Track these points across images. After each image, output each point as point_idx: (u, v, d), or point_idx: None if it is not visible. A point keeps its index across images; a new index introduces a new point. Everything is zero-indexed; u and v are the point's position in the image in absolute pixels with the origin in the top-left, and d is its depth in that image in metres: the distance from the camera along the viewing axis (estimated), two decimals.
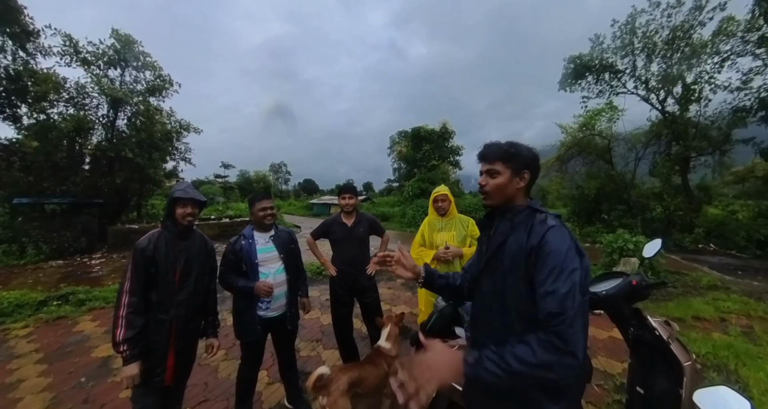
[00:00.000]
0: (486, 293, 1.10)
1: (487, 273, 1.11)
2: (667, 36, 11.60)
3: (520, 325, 0.97)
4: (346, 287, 2.58)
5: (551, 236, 0.93)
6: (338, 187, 2.62)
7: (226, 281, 1.99)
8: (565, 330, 0.83)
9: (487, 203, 1.13)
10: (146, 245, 1.60)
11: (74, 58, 10.28)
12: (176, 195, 1.65)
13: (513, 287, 0.99)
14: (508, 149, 1.06)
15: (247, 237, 2.04)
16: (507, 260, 1.01)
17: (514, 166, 1.05)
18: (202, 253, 1.81)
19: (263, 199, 2.07)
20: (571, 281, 0.87)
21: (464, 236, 2.64)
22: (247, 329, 1.99)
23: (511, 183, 1.06)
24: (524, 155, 1.06)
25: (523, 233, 1.00)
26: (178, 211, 1.66)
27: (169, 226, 1.68)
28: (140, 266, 1.56)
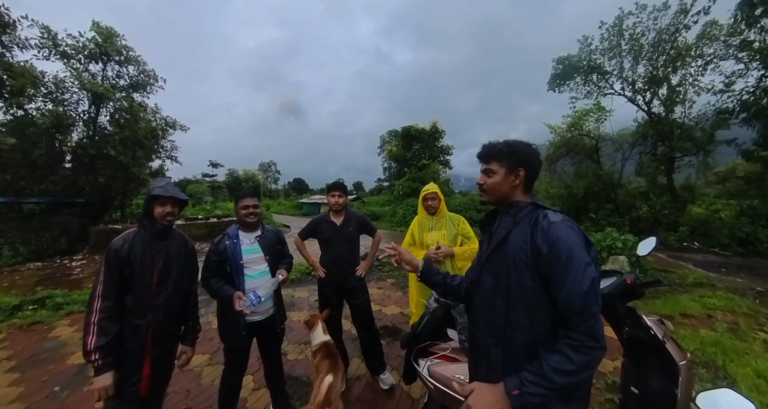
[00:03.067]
0: (488, 289, 1.09)
1: (488, 269, 1.10)
2: (654, 38, 11.85)
3: (526, 319, 0.97)
4: (335, 288, 2.49)
5: (560, 232, 0.93)
6: (327, 186, 2.53)
7: (208, 285, 1.89)
8: (592, 327, 0.86)
9: (483, 200, 1.17)
10: (120, 245, 1.49)
11: (53, 52, 9.86)
12: (155, 193, 1.55)
13: (518, 281, 0.98)
14: (502, 149, 1.09)
15: (231, 237, 1.93)
16: (510, 254, 1.01)
17: (509, 165, 1.08)
18: (182, 254, 1.71)
19: (246, 197, 1.97)
20: (589, 277, 0.88)
21: (455, 235, 2.59)
22: (232, 334, 1.90)
23: (506, 181, 1.09)
24: (519, 153, 1.08)
25: (526, 227, 1.00)
26: (157, 210, 1.56)
27: (147, 225, 1.58)
28: (114, 267, 1.47)
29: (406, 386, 2.32)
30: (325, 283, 2.51)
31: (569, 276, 0.89)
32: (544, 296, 0.95)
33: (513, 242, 1.02)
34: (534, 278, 0.96)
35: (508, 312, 1.02)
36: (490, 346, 1.08)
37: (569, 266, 0.89)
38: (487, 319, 1.10)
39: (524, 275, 0.97)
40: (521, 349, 1.00)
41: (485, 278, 1.12)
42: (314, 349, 2.05)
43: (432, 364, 1.72)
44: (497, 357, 1.06)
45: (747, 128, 11.19)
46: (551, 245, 0.92)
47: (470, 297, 1.29)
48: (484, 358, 1.11)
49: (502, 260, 1.04)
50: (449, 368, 1.64)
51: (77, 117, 10.56)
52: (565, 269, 0.89)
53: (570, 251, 0.91)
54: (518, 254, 0.99)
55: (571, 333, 0.87)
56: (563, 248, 0.91)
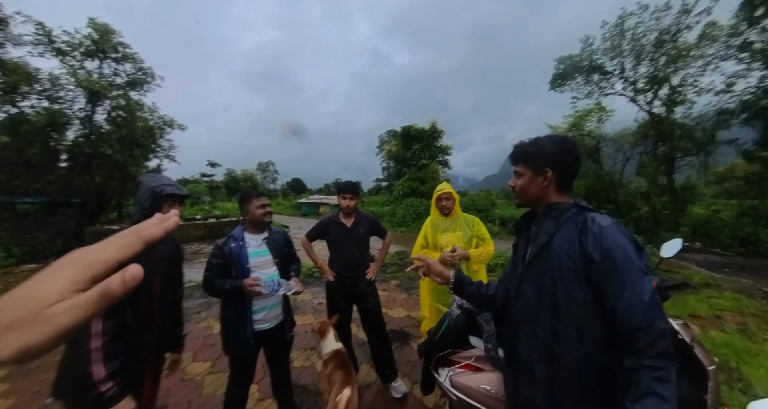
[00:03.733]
0: (529, 299, 1.01)
1: (529, 277, 1.03)
2: (655, 39, 11.83)
3: (576, 334, 0.90)
4: (345, 292, 2.38)
5: (614, 237, 0.87)
6: (336, 186, 2.42)
7: (212, 286, 1.75)
8: (666, 347, 0.78)
9: (517, 203, 1.13)
10: None
11: (48, 48, 9.62)
12: (169, 191, 1.39)
13: (565, 292, 0.91)
14: (527, 150, 1.05)
15: (237, 239, 1.80)
16: (555, 261, 0.93)
17: (534, 167, 1.03)
18: (177, 258, 1.60)
19: (261, 196, 1.86)
20: (649, 287, 0.81)
21: (470, 237, 2.49)
22: (238, 344, 1.77)
23: (533, 183, 1.04)
24: (545, 153, 1.02)
25: (572, 231, 0.93)
26: (165, 210, 1.40)
27: None
28: None
29: (423, 396, 2.22)
30: (334, 287, 2.39)
31: (627, 287, 0.81)
32: (596, 309, 0.88)
33: (558, 247, 0.94)
34: (584, 289, 0.88)
35: (555, 325, 0.94)
36: (533, 361, 1.00)
37: (626, 275, 0.82)
38: (529, 332, 1.02)
39: (573, 285, 0.90)
40: (570, 366, 0.92)
41: (525, 287, 1.05)
42: (325, 357, 1.94)
43: (455, 374, 1.63)
44: (542, 374, 0.97)
45: (748, 129, 11.21)
46: (605, 252, 0.85)
47: (506, 307, 1.22)
48: (526, 374, 1.03)
49: (546, 268, 0.97)
50: (473, 379, 1.56)
51: (73, 115, 10.35)
52: (622, 279, 0.82)
53: (626, 259, 0.83)
54: (564, 261, 0.91)
55: (646, 360, 0.78)
56: (619, 255, 0.84)
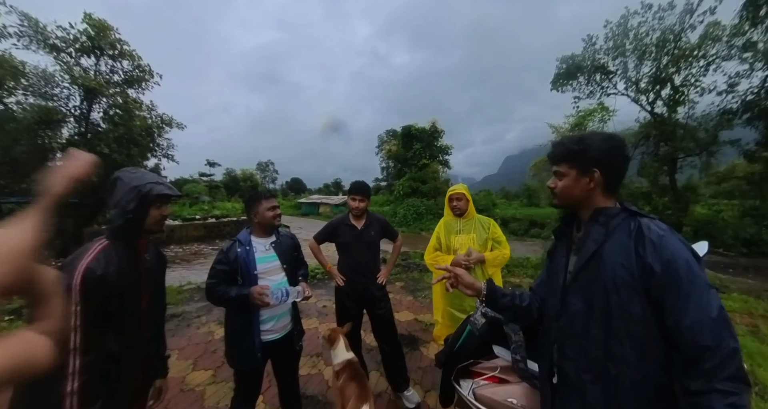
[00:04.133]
0: (577, 313, 0.93)
1: (577, 289, 0.95)
2: (658, 38, 11.77)
3: (634, 353, 0.83)
4: (356, 297, 2.26)
5: (674, 247, 0.80)
6: (349, 187, 2.30)
7: (215, 295, 1.61)
8: (738, 369, 0.71)
9: (556, 204, 1.04)
10: (104, 268, 1.05)
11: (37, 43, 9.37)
12: (159, 191, 1.18)
13: (621, 307, 0.84)
14: (572, 147, 0.96)
15: (243, 243, 1.67)
16: (608, 273, 0.86)
17: (580, 166, 0.95)
18: (161, 267, 1.40)
19: (270, 197, 1.74)
20: (716, 302, 0.76)
21: (485, 239, 2.39)
22: (245, 357, 1.64)
23: (578, 184, 0.96)
24: (593, 151, 0.93)
25: (626, 239, 0.86)
26: (155, 213, 1.21)
27: (130, 235, 1.18)
28: (96, 303, 1.02)
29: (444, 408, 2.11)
30: (344, 292, 2.28)
31: (692, 302, 0.76)
32: (656, 326, 0.81)
33: (610, 257, 0.87)
34: (643, 304, 0.82)
35: (609, 343, 0.87)
36: (585, 383, 0.91)
37: (691, 288, 0.76)
38: (578, 349, 0.93)
39: (630, 300, 0.83)
40: (628, 389, 0.84)
41: (572, 300, 0.96)
42: (337, 369, 1.82)
43: (478, 386, 1.53)
44: (596, 397, 0.88)
45: (750, 129, 11.17)
46: (666, 263, 0.79)
47: (542, 319, 1.14)
48: (576, 396, 0.93)
49: (597, 280, 0.89)
50: (499, 391, 1.46)
51: (68, 113, 10.16)
52: (687, 293, 0.76)
53: (690, 271, 0.78)
54: (619, 273, 0.84)
55: (716, 383, 0.71)
56: (682, 267, 0.78)
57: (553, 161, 1.02)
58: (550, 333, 1.05)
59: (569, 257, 1.04)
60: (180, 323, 3.89)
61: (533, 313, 1.14)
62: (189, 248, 11.96)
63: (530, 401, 1.35)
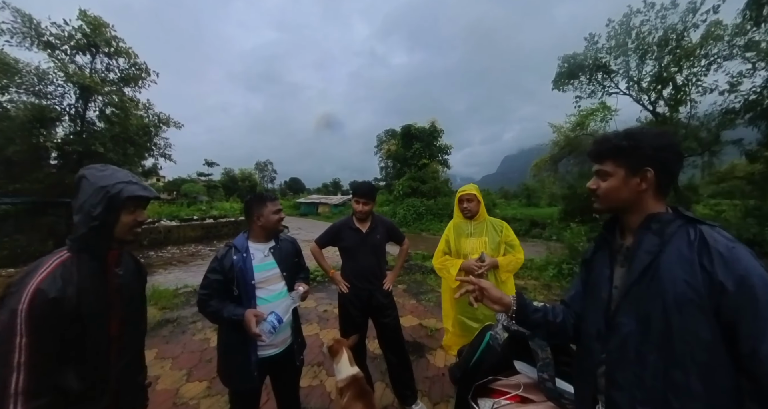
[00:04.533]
0: (629, 335, 0.82)
1: (628, 307, 0.83)
2: (660, 38, 11.69)
3: (700, 383, 0.72)
4: (361, 305, 2.13)
5: (747, 261, 0.71)
6: (352, 188, 2.16)
7: (207, 309, 1.47)
8: None
9: (597, 207, 0.92)
10: (60, 289, 0.85)
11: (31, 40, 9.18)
12: (131, 192, 0.97)
13: (685, 330, 0.73)
14: (620, 143, 0.85)
15: (240, 250, 1.52)
16: (668, 289, 0.75)
17: (630, 164, 0.84)
18: (139, 282, 1.20)
19: (276, 200, 1.61)
20: None
21: (498, 243, 2.26)
22: (240, 376, 1.49)
23: (626, 186, 0.84)
24: (645, 147, 0.82)
25: (687, 251, 0.76)
26: (127, 219, 1.00)
27: (98, 246, 0.98)
28: (50, 332, 0.84)
29: None
30: (348, 299, 2.14)
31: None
32: (726, 351, 0.72)
33: (669, 272, 0.77)
34: (712, 326, 0.72)
35: (671, 371, 0.75)
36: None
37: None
38: (631, 377, 0.80)
39: (696, 322, 0.73)
40: None
41: (623, 319, 0.83)
42: (341, 385, 1.68)
43: (500, 406, 1.39)
44: None
45: (752, 129, 11.09)
46: (740, 280, 0.69)
47: (579, 336, 1.01)
48: None
49: (654, 297, 0.78)
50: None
51: (63, 111, 9.97)
52: (766, 316, 0.67)
53: (765, 288, 0.68)
54: (682, 290, 0.74)
55: None
56: (758, 284, 0.68)
57: (597, 159, 0.91)
58: (592, 355, 0.92)
59: (613, 268, 0.92)
60: (175, 328, 3.74)
61: (569, 331, 1.01)
62: (186, 249, 11.79)
63: None
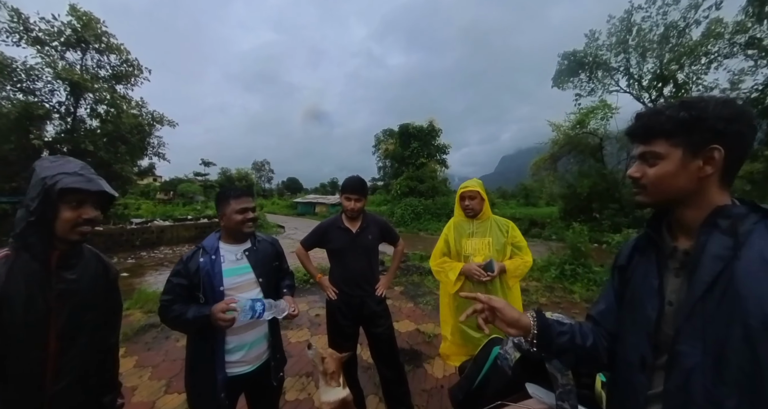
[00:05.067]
0: (694, 370, 0.61)
1: (693, 332, 0.62)
2: (661, 34, 11.58)
3: None
4: (351, 314, 1.92)
5: None
6: (342, 184, 1.94)
7: (169, 316, 1.24)
8: None
9: (641, 200, 0.70)
10: None
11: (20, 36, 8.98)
12: (66, 184, 0.84)
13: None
14: (675, 115, 0.62)
15: (208, 251, 1.31)
16: (752, 309, 0.55)
17: (691, 143, 0.61)
18: (100, 289, 1.03)
19: (243, 196, 1.35)
20: None
21: (503, 244, 2.05)
22: (204, 397, 1.29)
23: (684, 170, 0.63)
24: (710, 118, 0.59)
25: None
26: (67, 215, 0.86)
27: (36, 244, 0.86)
28: None
29: None
30: (337, 307, 1.93)
31: None
32: None
33: (751, 284, 0.56)
34: None
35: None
36: None
37: None
38: None
39: None
40: None
41: (685, 347, 0.62)
42: (326, 407, 1.48)
43: None
44: None
45: None
46: None
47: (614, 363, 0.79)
48: None
49: (730, 320, 0.58)
50: None
51: (52, 109, 9.74)
52: None
53: None
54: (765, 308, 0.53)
55: None
56: None
57: (643, 139, 0.68)
58: (634, 390, 0.71)
59: (664, 278, 0.69)
60: (158, 334, 3.52)
61: (601, 357, 0.79)
62: (180, 249, 11.54)
63: None
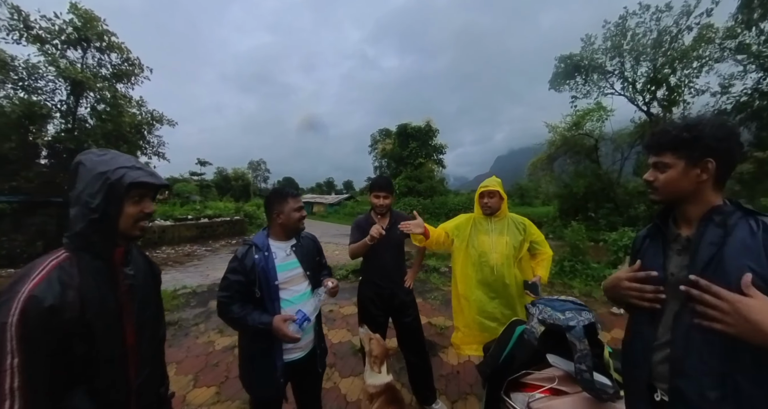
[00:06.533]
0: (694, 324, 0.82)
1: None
2: (654, 40, 11.90)
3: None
4: (383, 304, 2.09)
5: None
6: (370, 183, 2.11)
7: (230, 315, 1.37)
8: None
9: (654, 198, 0.95)
10: (59, 295, 0.74)
11: (24, 35, 8.93)
12: (135, 178, 0.84)
13: None
14: (679, 134, 0.86)
15: (261, 248, 1.43)
16: (733, 277, 0.76)
17: (691, 155, 0.85)
18: (154, 281, 1.08)
19: (299, 196, 1.53)
20: None
21: (520, 241, 2.17)
22: (266, 383, 1.42)
23: (687, 177, 0.86)
24: (706, 138, 0.83)
25: (750, 240, 0.77)
26: (131, 210, 0.87)
27: (99, 242, 0.85)
28: (47, 346, 0.72)
29: None
30: (369, 299, 2.10)
31: None
32: None
33: (734, 260, 0.77)
34: None
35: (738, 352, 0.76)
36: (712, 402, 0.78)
37: None
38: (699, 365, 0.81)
39: None
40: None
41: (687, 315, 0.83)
42: (372, 391, 1.62)
43: (533, 400, 1.39)
44: None
45: (742, 129, 11.37)
46: None
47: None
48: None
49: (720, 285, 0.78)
50: (558, 405, 1.34)
51: (54, 108, 9.69)
52: None
53: None
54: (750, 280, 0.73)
55: None
56: None
57: (655, 151, 0.92)
58: (644, 341, 0.94)
59: (667, 256, 0.93)
60: (177, 331, 3.65)
61: None
62: (182, 249, 11.55)
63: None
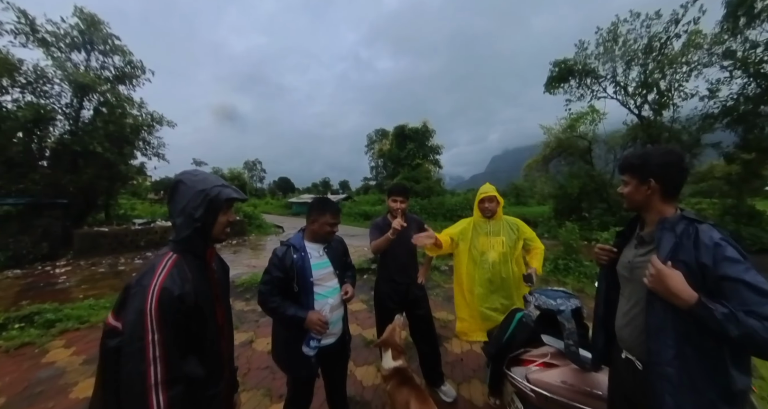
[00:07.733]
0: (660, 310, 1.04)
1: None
2: (645, 46, 12.28)
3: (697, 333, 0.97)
4: (399, 299, 2.34)
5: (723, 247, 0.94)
6: (388, 189, 2.38)
7: (269, 306, 1.58)
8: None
9: (625, 207, 1.24)
10: (181, 286, 0.95)
11: (31, 39, 9.03)
12: (227, 195, 1.07)
13: None
14: (632, 161, 1.15)
15: (298, 249, 1.67)
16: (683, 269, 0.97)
17: (639, 176, 1.12)
18: (227, 275, 1.34)
19: (338, 213, 1.75)
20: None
21: (515, 240, 2.46)
22: (301, 363, 1.62)
23: (638, 191, 1.13)
24: (650, 165, 1.09)
25: (688, 244, 0.99)
26: (222, 219, 1.09)
27: (200, 245, 1.08)
28: (176, 325, 0.92)
29: (492, 398, 2.25)
30: (387, 294, 2.35)
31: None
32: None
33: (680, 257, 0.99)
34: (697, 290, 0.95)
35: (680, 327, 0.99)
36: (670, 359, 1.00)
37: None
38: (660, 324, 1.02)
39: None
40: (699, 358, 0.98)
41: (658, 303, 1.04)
42: (384, 373, 1.87)
43: (531, 372, 1.69)
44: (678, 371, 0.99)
45: (729, 132, 11.81)
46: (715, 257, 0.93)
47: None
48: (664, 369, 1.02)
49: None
50: (551, 375, 1.62)
51: (59, 111, 9.79)
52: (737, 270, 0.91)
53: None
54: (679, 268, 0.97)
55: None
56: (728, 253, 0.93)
57: (620, 171, 1.23)
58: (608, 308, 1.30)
59: (628, 247, 1.24)
60: None
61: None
62: None
63: (579, 381, 1.54)
